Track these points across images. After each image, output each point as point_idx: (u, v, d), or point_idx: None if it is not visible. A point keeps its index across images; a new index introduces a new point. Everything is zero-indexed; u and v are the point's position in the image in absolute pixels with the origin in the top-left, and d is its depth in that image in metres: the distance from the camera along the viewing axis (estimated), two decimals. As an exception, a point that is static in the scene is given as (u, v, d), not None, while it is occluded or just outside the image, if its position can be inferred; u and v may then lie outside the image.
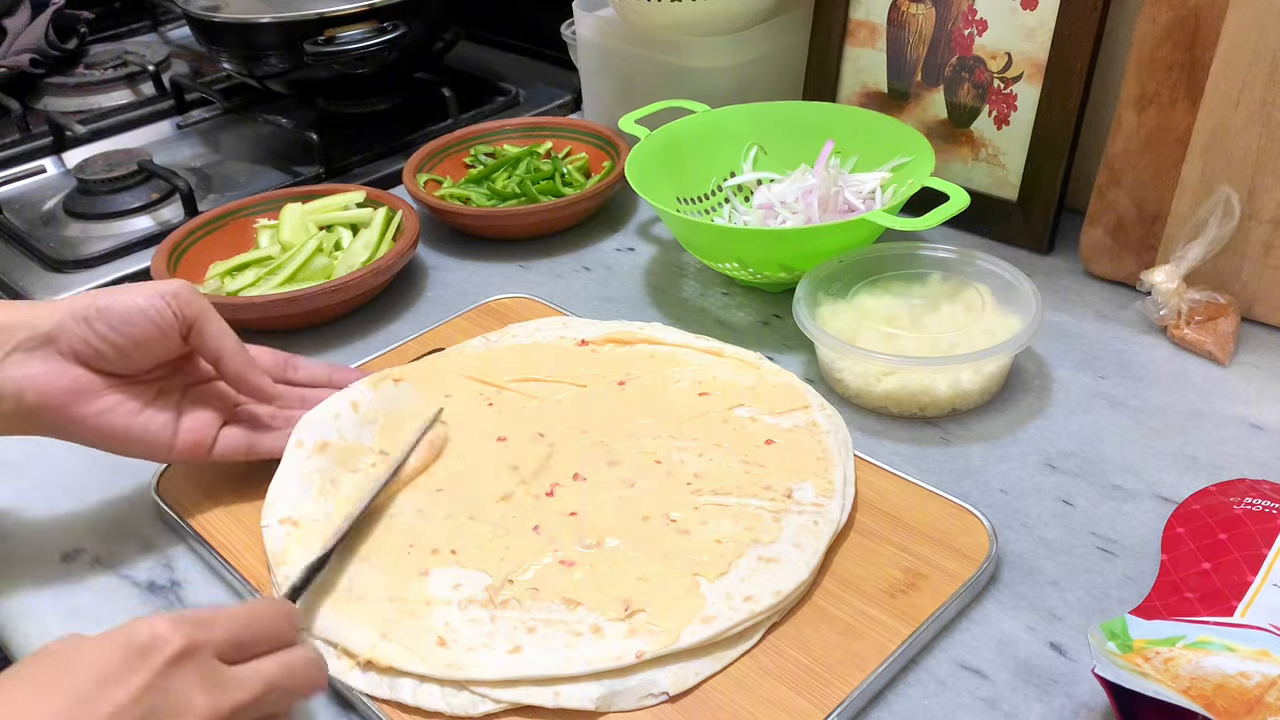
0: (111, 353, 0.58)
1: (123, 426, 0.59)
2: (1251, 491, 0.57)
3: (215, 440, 0.62)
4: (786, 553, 0.56)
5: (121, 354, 0.58)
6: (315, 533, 0.59)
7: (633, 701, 0.51)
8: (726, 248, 0.78)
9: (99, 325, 0.57)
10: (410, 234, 0.85)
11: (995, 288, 0.72)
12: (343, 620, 0.54)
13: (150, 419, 0.60)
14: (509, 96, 1.24)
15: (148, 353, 0.59)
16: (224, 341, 0.61)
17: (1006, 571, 0.58)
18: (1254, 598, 0.50)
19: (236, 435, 0.63)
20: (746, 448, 0.63)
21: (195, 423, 0.62)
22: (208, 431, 0.62)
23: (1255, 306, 0.74)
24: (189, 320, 0.60)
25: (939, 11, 0.86)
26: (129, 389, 0.60)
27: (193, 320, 0.60)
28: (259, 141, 1.20)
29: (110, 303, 0.58)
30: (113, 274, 0.95)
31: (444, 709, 0.51)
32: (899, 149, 0.83)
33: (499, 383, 0.70)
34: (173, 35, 1.55)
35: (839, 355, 0.69)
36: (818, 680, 0.51)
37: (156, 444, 0.60)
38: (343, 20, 1.07)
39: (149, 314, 0.58)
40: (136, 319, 0.58)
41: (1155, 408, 0.68)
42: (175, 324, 0.59)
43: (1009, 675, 0.52)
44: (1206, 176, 0.73)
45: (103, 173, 1.06)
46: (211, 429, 0.63)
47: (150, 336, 0.59)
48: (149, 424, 0.60)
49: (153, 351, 0.60)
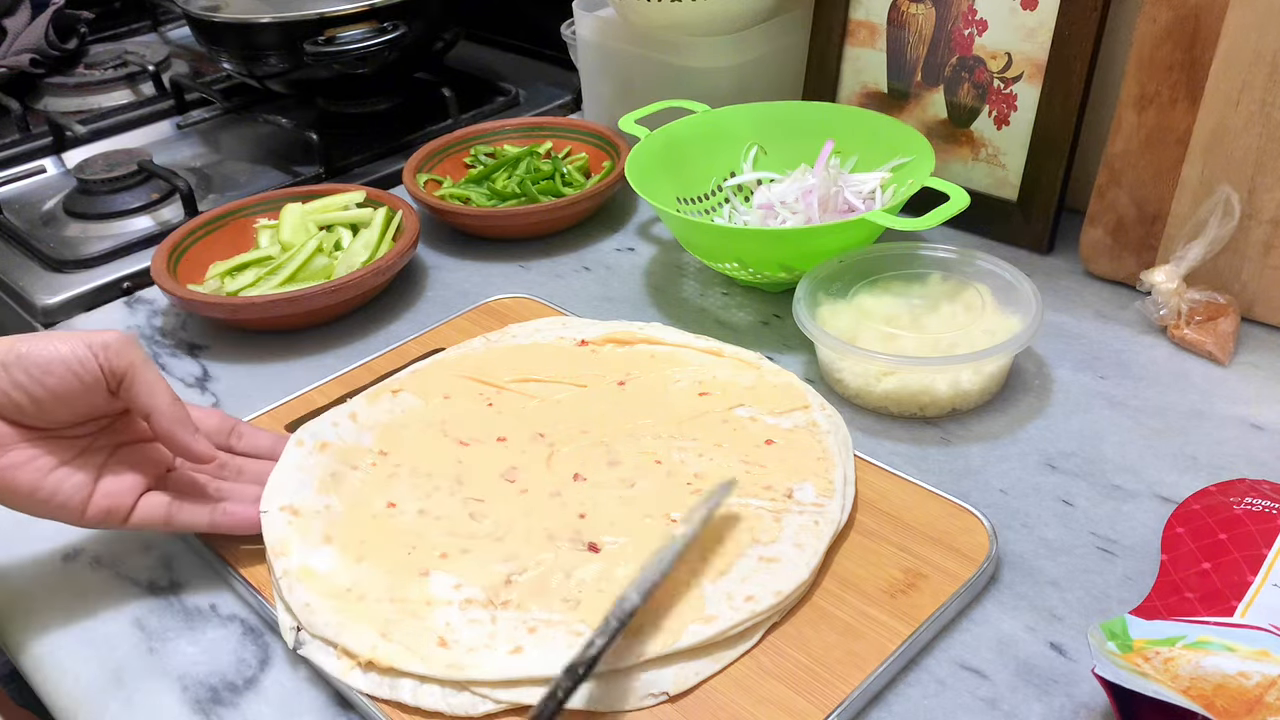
0: (27, 403, 0.53)
1: (29, 484, 0.54)
2: (1251, 491, 0.57)
3: (134, 508, 0.57)
4: (787, 553, 0.56)
5: (38, 405, 0.54)
6: (315, 523, 0.59)
7: (633, 701, 0.51)
8: (726, 248, 0.78)
9: (16, 373, 0.53)
10: (410, 234, 0.85)
11: (995, 288, 0.72)
12: (343, 620, 0.54)
13: (63, 479, 0.55)
14: (509, 96, 1.24)
15: (68, 406, 0.55)
16: (156, 398, 0.56)
17: (1006, 571, 0.58)
18: (1254, 598, 0.50)
19: (156, 504, 0.58)
20: (747, 448, 0.63)
21: (115, 486, 0.57)
22: (127, 497, 0.57)
23: (1255, 306, 0.74)
24: (118, 374, 0.55)
25: (939, 11, 0.86)
26: (46, 443, 0.55)
27: (122, 374, 0.55)
28: (259, 141, 1.20)
29: (30, 349, 0.53)
30: (113, 274, 0.95)
31: (444, 709, 0.51)
32: (899, 149, 0.83)
33: (499, 383, 0.70)
34: (173, 35, 1.55)
35: (839, 355, 0.69)
36: (818, 680, 0.51)
37: (67, 506, 0.56)
38: (343, 20, 1.07)
39: (71, 364, 0.54)
40: (57, 369, 0.53)
41: (1155, 408, 0.69)
42: (100, 378, 0.54)
43: (1009, 675, 0.52)
44: (1206, 176, 0.73)
45: (103, 173, 1.06)
46: (132, 494, 0.57)
47: (71, 389, 0.54)
48: (61, 484, 0.55)
49: (73, 405, 0.55)
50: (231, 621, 0.59)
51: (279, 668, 0.56)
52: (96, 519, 0.57)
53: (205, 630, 0.58)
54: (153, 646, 0.57)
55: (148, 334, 0.85)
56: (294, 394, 0.74)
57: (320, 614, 0.54)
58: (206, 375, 0.79)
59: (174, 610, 0.60)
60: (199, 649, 0.57)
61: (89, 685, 0.56)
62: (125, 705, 0.54)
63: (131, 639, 0.58)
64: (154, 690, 0.55)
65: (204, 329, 0.84)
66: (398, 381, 0.71)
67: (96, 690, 0.55)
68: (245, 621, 0.59)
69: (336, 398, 0.72)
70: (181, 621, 0.59)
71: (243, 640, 0.57)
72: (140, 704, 0.54)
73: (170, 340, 0.84)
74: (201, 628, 0.58)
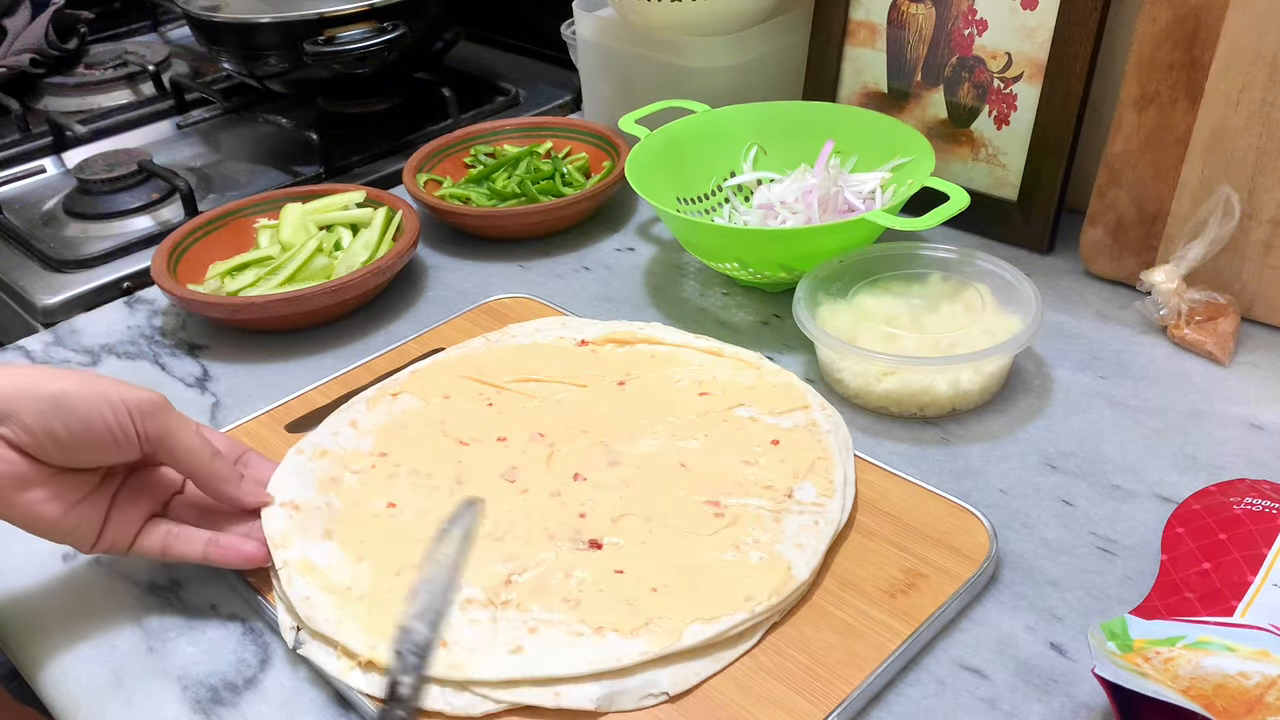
0: (55, 450, 0.53)
1: (52, 518, 0.55)
2: (1251, 491, 0.57)
3: (136, 537, 0.58)
4: (787, 553, 0.56)
5: (66, 453, 0.54)
6: (316, 518, 0.59)
7: (633, 701, 0.51)
8: (726, 248, 0.78)
9: (53, 420, 0.53)
10: (410, 234, 0.85)
11: (995, 288, 0.72)
12: (343, 618, 0.54)
13: (83, 513, 0.56)
14: (509, 96, 1.24)
15: (96, 456, 0.55)
16: (195, 460, 0.57)
17: (1006, 571, 0.58)
18: (1254, 598, 0.50)
19: (156, 534, 0.58)
20: (747, 447, 0.63)
21: (123, 518, 0.58)
22: (132, 526, 0.58)
23: (1255, 306, 0.74)
24: (153, 439, 0.56)
25: (939, 11, 0.86)
26: (67, 478, 0.55)
27: (157, 439, 0.56)
28: (259, 141, 1.20)
29: (74, 403, 0.53)
30: (113, 274, 0.95)
31: (445, 709, 0.51)
32: (899, 149, 0.83)
33: (499, 383, 0.70)
34: (173, 35, 1.55)
35: (839, 355, 0.69)
36: (818, 680, 0.51)
37: (84, 537, 0.56)
38: (343, 20, 1.07)
39: (110, 425, 0.54)
40: (97, 426, 0.54)
41: (1155, 408, 0.69)
42: (135, 442, 0.55)
43: (1009, 675, 0.52)
44: (1206, 176, 0.73)
45: (103, 173, 1.06)
46: (137, 523, 0.58)
47: (104, 444, 0.54)
48: (81, 518, 0.56)
49: (102, 456, 0.55)
50: (231, 621, 0.59)
51: (279, 668, 0.56)
52: (103, 547, 0.57)
53: (205, 630, 0.58)
54: (153, 646, 0.57)
55: (147, 333, 0.85)
56: (294, 394, 0.74)
57: (320, 609, 0.55)
58: (206, 375, 0.79)
59: (174, 610, 0.60)
60: (199, 649, 0.57)
61: (89, 685, 0.56)
62: (125, 705, 0.54)
63: (131, 639, 0.58)
64: (154, 690, 0.55)
65: (204, 329, 0.84)
66: (397, 384, 0.71)
67: (96, 690, 0.55)
68: (245, 621, 0.59)
69: (337, 397, 0.72)
70: (181, 621, 0.59)
71: (243, 640, 0.57)
72: (140, 704, 0.54)
73: (170, 340, 0.84)
74: (201, 628, 0.58)
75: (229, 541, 0.59)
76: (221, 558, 0.58)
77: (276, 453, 0.68)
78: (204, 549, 0.58)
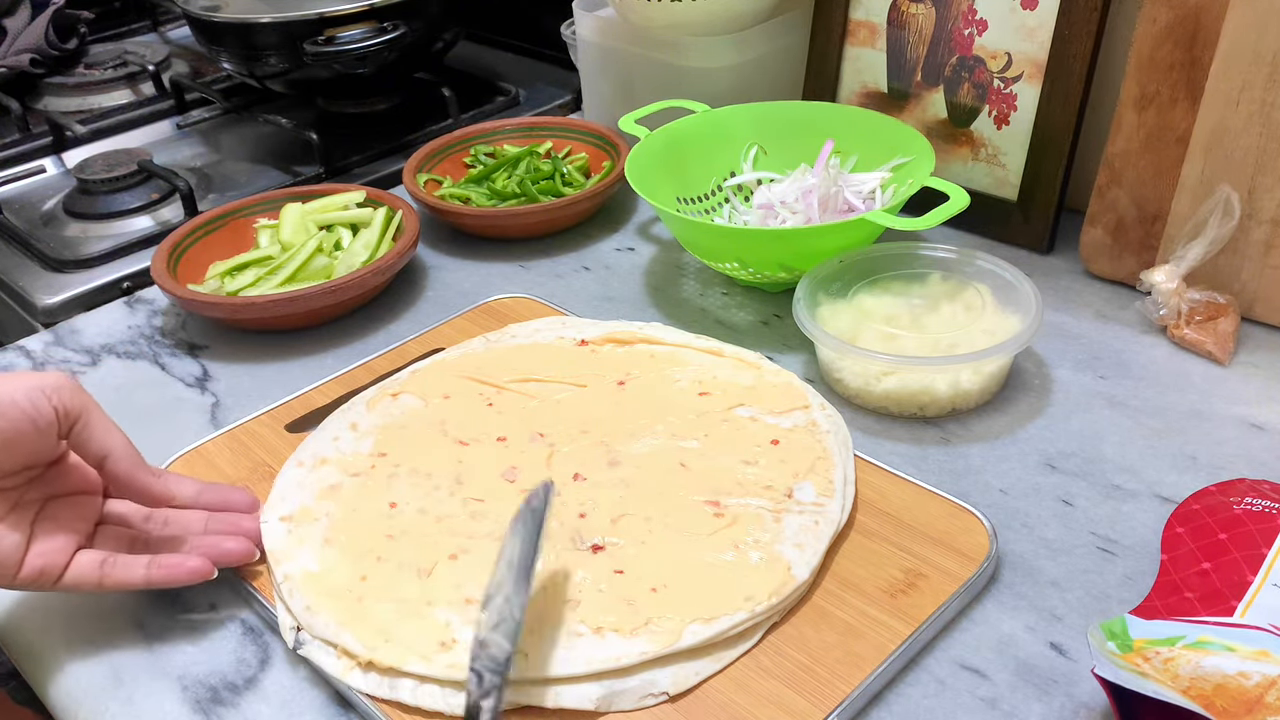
0: None
1: None
2: (1251, 491, 0.57)
3: (67, 567, 0.54)
4: (787, 552, 0.56)
5: None
6: (314, 529, 0.59)
7: (633, 701, 0.51)
8: (726, 248, 0.78)
9: None
10: (410, 234, 0.85)
11: (995, 288, 0.72)
12: (343, 620, 0.54)
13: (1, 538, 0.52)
14: (509, 96, 1.24)
15: (16, 453, 0.51)
16: (111, 438, 0.54)
17: (1006, 571, 0.58)
18: (1254, 598, 0.50)
19: (89, 563, 0.55)
20: (747, 447, 0.63)
21: (48, 545, 0.53)
22: (60, 556, 0.54)
23: (1255, 306, 0.74)
24: (71, 416, 0.52)
25: (939, 11, 0.86)
26: None
27: (76, 416, 0.52)
28: (259, 141, 1.20)
29: None
30: (113, 274, 0.96)
31: (444, 709, 0.51)
32: (899, 149, 0.83)
33: (499, 383, 0.70)
34: (173, 35, 1.55)
35: (839, 355, 0.69)
36: (818, 680, 0.51)
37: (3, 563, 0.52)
38: (343, 20, 1.07)
39: (24, 407, 0.50)
40: (9, 412, 0.50)
41: (1155, 408, 0.69)
42: (54, 421, 0.51)
43: (1009, 675, 0.52)
44: (1206, 176, 0.73)
45: (103, 173, 1.06)
46: (65, 553, 0.54)
47: (23, 434, 0.50)
48: None
49: (22, 452, 0.52)
50: (231, 621, 0.59)
51: (279, 668, 0.56)
52: (29, 580, 0.53)
53: (205, 630, 0.58)
54: (153, 646, 0.57)
55: (147, 333, 0.85)
56: (294, 394, 0.74)
57: (321, 615, 0.55)
58: (206, 375, 0.79)
59: (174, 610, 0.60)
60: (199, 649, 0.57)
61: (89, 685, 0.56)
62: (125, 705, 0.54)
63: (131, 639, 0.58)
64: (154, 690, 0.55)
65: (204, 329, 0.84)
66: (397, 384, 0.71)
67: (96, 690, 0.55)
68: (245, 621, 0.59)
69: (336, 398, 0.72)
70: (181, 621, 0.59)
71: (243, 640, 0.57)
72: (140, 704, 0.54)
73: (170, 340, 0.84)
74: (201, 627, 0.58)
75: (170, 560, 0.56)
76: (166, 578, 0.56)
77: (277, 453, 0.68)
78: (145, 572, 0.55)
